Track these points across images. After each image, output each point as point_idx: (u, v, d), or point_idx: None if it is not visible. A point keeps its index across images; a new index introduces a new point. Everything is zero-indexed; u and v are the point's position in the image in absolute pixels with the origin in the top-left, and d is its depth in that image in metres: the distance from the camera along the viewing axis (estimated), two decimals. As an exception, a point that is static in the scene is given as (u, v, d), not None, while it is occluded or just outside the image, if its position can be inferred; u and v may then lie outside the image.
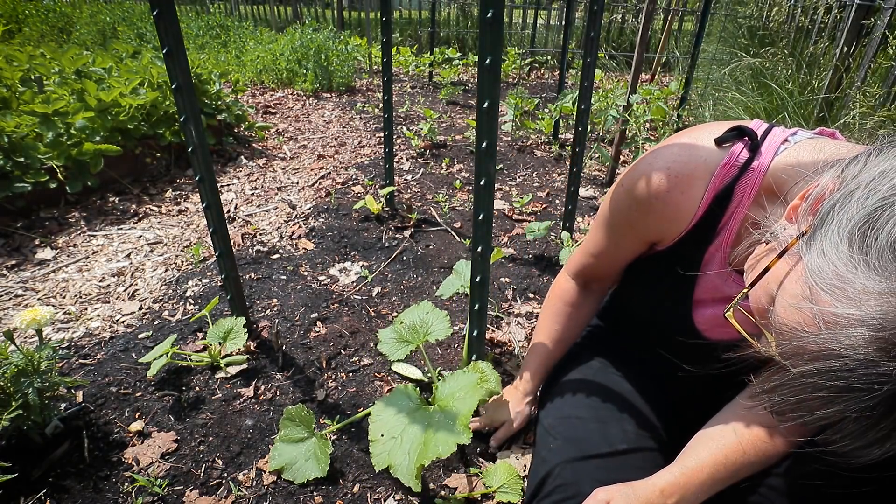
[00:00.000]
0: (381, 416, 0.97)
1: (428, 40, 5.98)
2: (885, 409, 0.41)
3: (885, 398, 0.41)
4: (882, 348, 0.40)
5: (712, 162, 0.67)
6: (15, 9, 6.14)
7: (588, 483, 0.74)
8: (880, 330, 0.40)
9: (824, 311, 0.44)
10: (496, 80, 0.86)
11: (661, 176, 0.68)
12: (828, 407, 0.44)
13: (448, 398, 0.97)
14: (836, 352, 0.42)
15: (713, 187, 0.67)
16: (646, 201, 0.71)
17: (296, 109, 4.05)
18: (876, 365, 0.40)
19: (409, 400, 0.99)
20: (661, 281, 0.79)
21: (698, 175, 0.67)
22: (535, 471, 0.85)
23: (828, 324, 0.43)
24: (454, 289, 1.35)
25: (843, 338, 0.42)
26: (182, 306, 1.60)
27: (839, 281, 0.43)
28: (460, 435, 0.86)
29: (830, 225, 0.46)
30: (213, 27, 6.28)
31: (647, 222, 0.74)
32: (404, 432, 0.92)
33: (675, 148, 0.70)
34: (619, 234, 0.81)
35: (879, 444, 0.43)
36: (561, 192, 2.58)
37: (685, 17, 5.92)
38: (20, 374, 1.02)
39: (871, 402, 0.41)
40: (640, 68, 2.39)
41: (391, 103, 2.03)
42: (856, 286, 0.42)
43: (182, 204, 2.34)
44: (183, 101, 1.07)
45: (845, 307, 0.42)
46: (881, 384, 0.40)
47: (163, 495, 1.02)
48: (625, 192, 0.75)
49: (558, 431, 0.86)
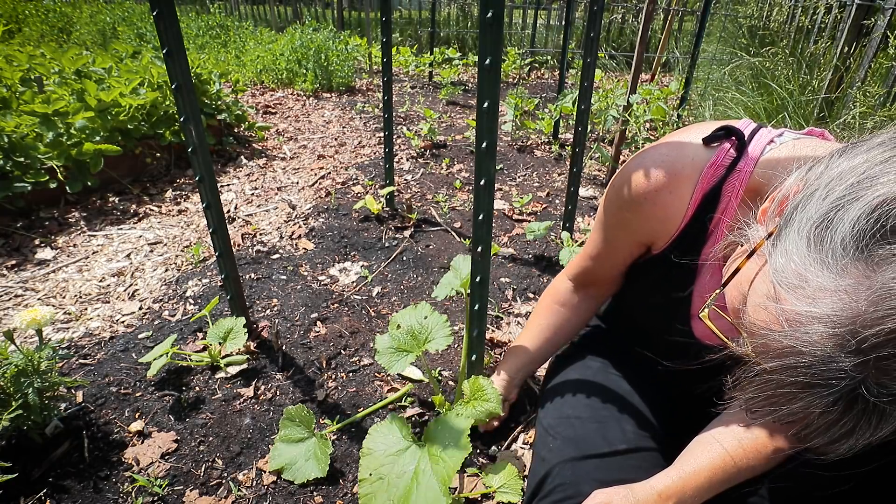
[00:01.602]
0: (370, 449, 0.94)
1: (428, 40, 5.98)
2: (845, 403, 0.42)
3: (845, 393, 0.42)
4: (839, 344, 0.41)
5: (700, 161, 0.67)
6: (15, 9, 6.14)
7: (587, 483, 0.74)
8: (836, 326, 0.41)
9: (786, 309, 0.45)
10: (496, 80, 0.86)
11: (649, 175, 0.69)
12: (793, 403, 0.45)
13: (439, 442, 0.92)
14: (797, 349, 0.43)
15: (701, 188, 0.67)
16: (635, 201, 0.72)
17: (296, 109, 4.05)
18: (834, 361, 0.41)
19: (399, 438, 0.95)
20: (660, 286, 0.79)
21: (686, 174, 0.68)
22: (534, 470, 0.85)
23: (790, 321, 0.44)
24: (451, 287, 1.33)
25: (802, 335, 0.43)
26: (182, 306, 1.60)
27: (798, 280, 0.44)
28: (441, 498, 0.83)
29: (793, 225, 0.48)
30: (213, 27, 6.28)
31: (638, 222, 0.74)
32: (391, 474, 0.90)
33: (663, 148, 0.71)
34: (612, 234, 0.82)
35: (846, 439, 0.44)
36: (561, 192, 2.58)
37: (685, 17, 5.91)
38: (20, 374, 1.02)
39: (831, 397, 0.42)
40: (640, 68, 2.39)
41: (391, 103, 2.03)
42: (812, 284, 0.43)
43: (182, 204, 2.34)
44: (183, 101, 1.07)
45: (804, 305, 0.43)
46: (839, 380, 0.41)
47: (163, 495, 1.02)
48: (615, 193, 0.76)
49: (558, 431, 0.86)
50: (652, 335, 0.88)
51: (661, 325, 0.82)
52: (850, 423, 0.43)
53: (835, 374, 0.41)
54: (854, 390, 0.41)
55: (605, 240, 0.84)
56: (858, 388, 0.41)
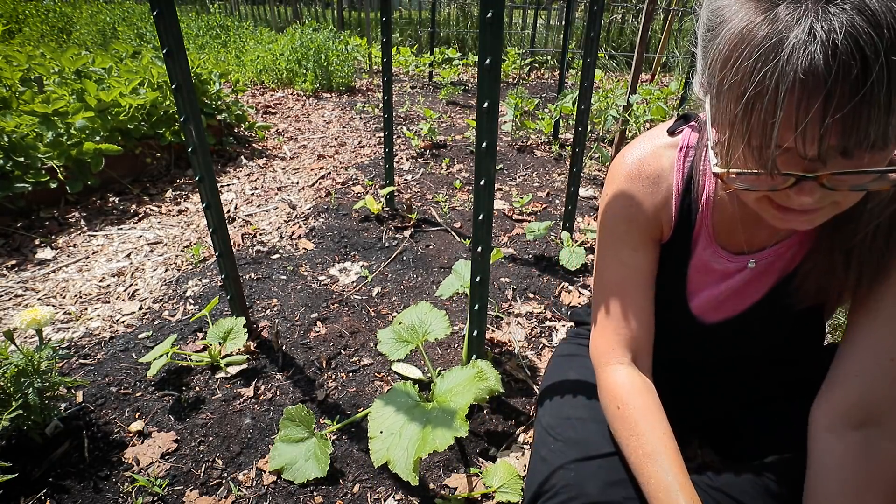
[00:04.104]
0: (380, 413, 0.97)
1: (428, 40, 5.99)
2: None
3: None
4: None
5: (671, 149, 0.72)
6: (15, 9, 6.15)
7: (591, 483, 0.74)
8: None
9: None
10: (496, 80, 0.86)
11: (635, 166, 0.73)
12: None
13: (446, 394, 0.98)
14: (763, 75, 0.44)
15: (679, 169, 0.71)
16: (633, 189, 0.74)
17: (296, 109, 4.05)
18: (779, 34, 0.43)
19: (408, 397, 0.99)
20: (661, 272, 0.80)
21: (664, 161, 0.72)
22: (534, 470, 0.85)
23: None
24: (453, 289, 1.35)
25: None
26: (182, 306, 1.61)
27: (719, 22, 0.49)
28: (458, 429, 0.87)
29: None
30: (213, 27, 6.28)
31: (646, 208, 0.73)
32: (403, 428, 0.92)
33: (637, 146, 0.74)
34: (626, 241, 0.76)
35: None
36: (561, 192, 2.58)
37: (685, 17, 5.92)
38: (20, 374, 1.02)
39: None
40: (640, 68, 2.39)
41: (391, 103, 2.03)
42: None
43: (182, 204, 2.34)
44: (183, 101, 1.07)
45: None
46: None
47: (163, 495, 1.02)
48: (612, 197, 0.75)
49: (558, 432, 0.86)
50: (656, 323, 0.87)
51: (660, 308, 0.82)
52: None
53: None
54: None
55: (621, 255, 0.76)
56: None
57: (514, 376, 1.35)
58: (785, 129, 0.44)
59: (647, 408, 0.69)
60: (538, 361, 1.42)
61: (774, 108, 0.43)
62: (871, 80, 0.39)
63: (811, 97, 0.41)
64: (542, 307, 1.65)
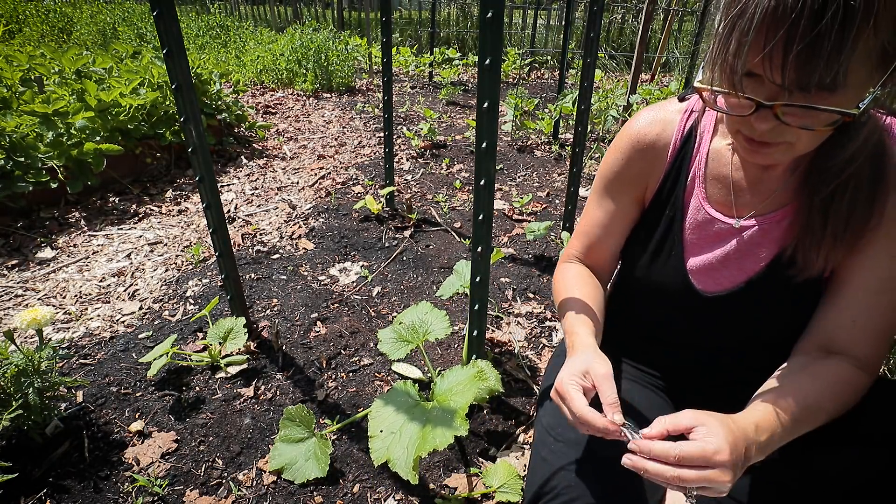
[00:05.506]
0: (380, 412, 0.97)
1: (428, 40, 5.99)
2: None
3: None
4: None
5: (678, 111, 0.80)
6: (15, 9, 6.15)
7: (593, 485, 0.74)
8: None
9: None
10: (496, 80, 0.86)
11: (641, 127, 0.81)
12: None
13: (446, 394, 0.98)
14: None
15: (680, 128, 0.78)
16: (632, 147, 0.82)
17: (296, 109, 4.05)
18: None
19: (408, 397, 0.99)
20: (654, 235, 0.84)
21: (669, 120, 0.80)
22: (535, 471, 0.85)
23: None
24: (454, 289, 1.35)
25: None
26: (182, 306, 1.61)
27: None
28: (458, 428, 0.87)
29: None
30: (213, 27, 6.28)
31: (639, 166, 0.83)
32: (403, 427, 0.93)
33: (648, 110, 0.82)
34: (612, 192, 0.87)
35: None
36: (561, 192, 2.58)
37: (685, 17, 5.92)
38: (20, 374, 1.02)
39: None
40: (640, 68, 2.39)
41: (391, 103, 2.03)
42: None
43: (182, 204, 2.34)
44: (183, 101, 1.07)
45: None
46: None
47: (163, 495, 1.02)
48: (614, 149, 0.84)
49: (559, 433, 0.85)
50: (652, 299, 0.87)
51: (657, 278, 0.84)
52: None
53: None
54: None
55: (603, 203, 0.88)
56: None
57: (514, 376, 1.35)
58: (753, 50, 0.51)
59: (580, 277, 0.88)
60: (538, 361, 1.42)
61: (749, 28, 0.50)
62: (826, 16, 0.46)
63: (778, 25, 0.49)
64: (542, 307, 1.65)
